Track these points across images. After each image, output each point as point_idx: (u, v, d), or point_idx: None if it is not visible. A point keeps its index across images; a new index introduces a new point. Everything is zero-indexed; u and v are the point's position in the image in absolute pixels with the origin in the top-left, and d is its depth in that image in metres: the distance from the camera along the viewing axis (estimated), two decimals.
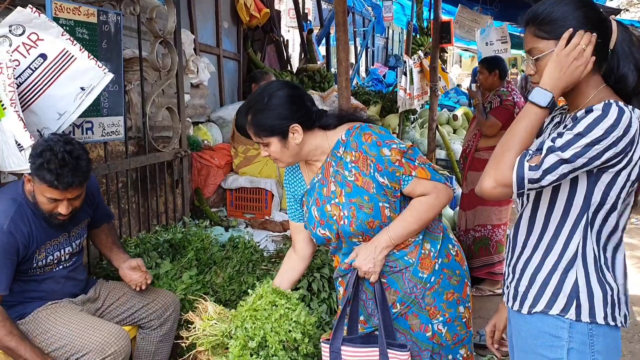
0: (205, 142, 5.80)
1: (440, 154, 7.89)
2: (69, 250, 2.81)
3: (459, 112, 9.90)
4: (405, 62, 7.18)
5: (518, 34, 11.06)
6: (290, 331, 2.27)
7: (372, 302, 2.24)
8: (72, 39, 2.76)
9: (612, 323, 1.68)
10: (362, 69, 14.39)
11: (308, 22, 10.55)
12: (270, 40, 8.38)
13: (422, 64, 7.39)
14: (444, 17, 7.99)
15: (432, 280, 2.22)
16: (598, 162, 1.56)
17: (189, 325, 2.53)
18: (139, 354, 2.94)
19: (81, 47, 2.77)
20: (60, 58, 2.72)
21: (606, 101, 1.57)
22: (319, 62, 9.41)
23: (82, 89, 2.76)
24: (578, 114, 1.59)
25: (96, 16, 3.53)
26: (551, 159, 1.55)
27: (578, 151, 1.53)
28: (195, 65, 5.59)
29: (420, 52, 7.74)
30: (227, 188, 5.71)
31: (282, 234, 4.90)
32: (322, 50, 11.12)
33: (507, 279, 1.87)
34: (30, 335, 2.63)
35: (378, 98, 8.82)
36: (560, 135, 1.57)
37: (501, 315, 2.05)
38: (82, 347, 2.58)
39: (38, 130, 2.72)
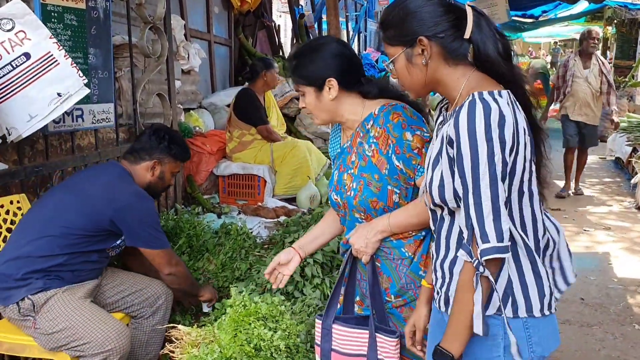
0: (197, 128, 5.77)
1: None
2: None
3: None
4: None
5: (519, 18, 11.05)
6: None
7: (365, 283, 2.22)
8: (58, 43, 2.73)
9: (547, 313, 1.65)
10: None
11: (299, 6, 10.47)
12: (261, 26, 8.32)
13: None
14: None
15: None
16: (510, 166, 1.53)
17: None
18: (132, 344, 2.94)
19: (66, 53, 2.74)
20: (44, 60, 2.69)
21: (470, 98, 1.53)
22: None
23: (59, 94, 2.73)
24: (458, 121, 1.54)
25: (85, 2, 3.50)
26: (488, 213, 1.50)
27: (489, 174, 1.49)
28: (185, 51, 5.56)
29: None
30: (219, 175, 5.69)
31: (274, 220, 4.90)
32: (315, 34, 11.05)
33: (435, 283, 1.78)
34: (40, 309, 2.66)
35: None
36: (464, 187, 1.53)
37: (419, 314, 1.97)
38: (83, 336, 2.61)
39: (6, 129, 2.70)
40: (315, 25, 10.40)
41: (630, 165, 8.58)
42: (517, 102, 1.59)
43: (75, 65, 2.76)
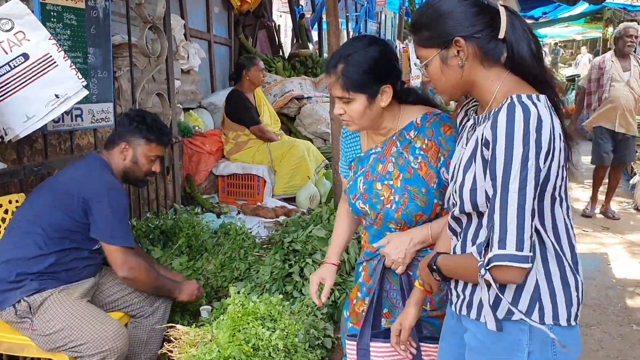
0: (196, 128, 5.77)
1: None
2: None
3: None
4: (397, 47, 7.16)
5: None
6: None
7: (396, 293, 2.15)
8: (57, 44, 2.72)
9: (573, 323, 1.63)
10: None
11: (300, 6, 10.48)
12: (261, 26, 8.33)
13: (408, 49, 7.37)
14: None
15: None
16: (544, 172, 1.49)
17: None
18: (131, 343, 2.93)
19: (65, 54, 2.73)
20: (42, 62, 2.69)
21: (508, 100, 1.51)
22: (310, 47, 9.36)
23: (57, 96, 2.72)
24: (492, 121, 1.52)
25: (84, 1, 3.50)
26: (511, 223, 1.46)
27: (520, 185, 1.46)
28: (185, 50, 5.56)
29: (410, 37, 7.72)
30: (218, 174, 5.70)
31: (274, 220, 4.90)
32: (314, 35, 11.05)
33: (456, 286, 1.75)
34: (36, 311, 2.65)
35: None
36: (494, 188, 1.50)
37: (407, 313, 1.96)
38: (80, 337, 2.59)
39: (3, 129, 2.69)
40: (316, 26, 10.42)
41: (629, 167, 8.58)
42: (553, 107, 1.57)
43: (74, 67, 2.76)
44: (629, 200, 7.65)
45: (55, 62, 2.71)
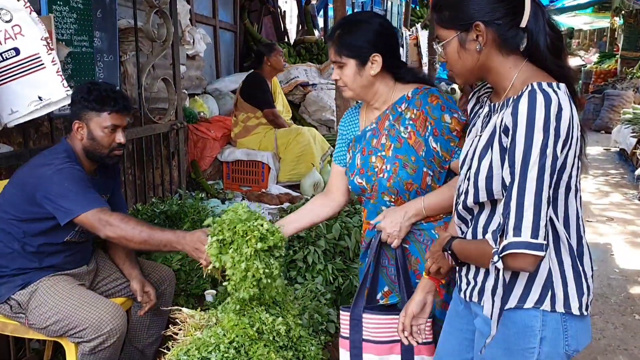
0: (202, 114, 5.77)
1: None
2: None
3: (457, 85, 9.85)
4: (403, 34, 7.13)
5: None
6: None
7: (393, 268, 2.21)
8: (50, 46, 2.71)
9: (585, 313, 1.65)
10: None
11: None
12: (267, 11, 8.29)
13: (417, 37, 7.34)
14: None
15: None
16: (561, 160, 1.50)
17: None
18: (134, 326, 2.94)
19: (54, 58, 2.71)
20: (31, 60, 2.67)
21: (529, 88, 1.51)
22: (316, 34, 9.32)
23: (40, 98, 2.71)
24: (510, 111, 1.52)
25: None
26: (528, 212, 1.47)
27: (539, 173, 1.46)
28: (191, 36, 5.55)
29: (417, 25, 7.68)
30: (223, 160, 5.70)
31: (278, 206, 4.91)
32: (320, 22, 10.99)
33: (466, 273, 1.77)
34: (26, 307, 2.64)
35: None
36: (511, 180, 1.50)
37: (411, 299, 1.99)
38: (79, 324, 2.57)
39: None
40: (322, 12, 10.37)
41: (634, 157, 8.56)
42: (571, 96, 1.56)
43: (61, 73, 2.74)
44: (633, 191, 7.65)
45: (43, 64, 2.69)
